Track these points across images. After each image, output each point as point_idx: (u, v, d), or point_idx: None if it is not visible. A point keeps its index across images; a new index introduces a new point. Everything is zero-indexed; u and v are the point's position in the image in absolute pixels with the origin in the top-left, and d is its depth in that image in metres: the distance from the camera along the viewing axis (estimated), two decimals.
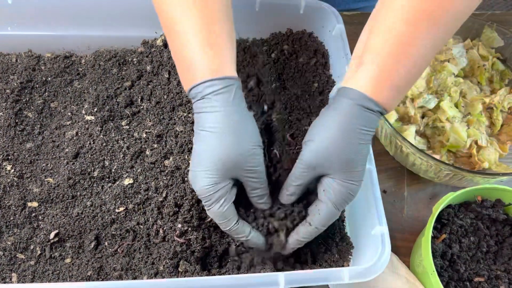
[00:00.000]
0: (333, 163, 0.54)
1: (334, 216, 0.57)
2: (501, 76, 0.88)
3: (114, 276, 0.61)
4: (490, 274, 0.65)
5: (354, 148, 0.54)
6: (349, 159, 0.54)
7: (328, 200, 0.56)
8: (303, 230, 0.58)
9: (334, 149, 0.54)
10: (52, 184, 0.67)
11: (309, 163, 0.56)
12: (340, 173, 0.55)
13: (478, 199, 0.70)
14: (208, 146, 0.55)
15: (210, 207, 0.56)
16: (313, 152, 0.55)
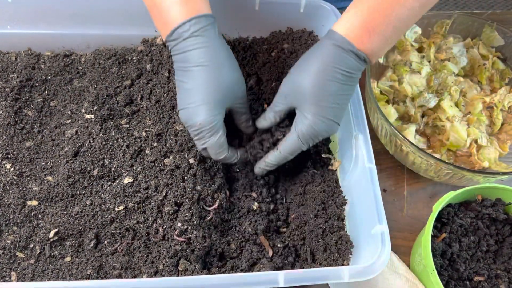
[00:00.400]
0: (304, 94, 0.59)
1: (297, 146, 0.62)
2: (501, 75, 0.88)
3: (114, 275, 0.60)
4: (490, 273, 0.65)
5: (327, 84, 0.58)
6: (320, 94, 0.59)
7: (295, 130, 0.61)
8: (271, 154, 0.65)
9: (306, 82, 0.59)
10: (52, 183, 0.67)
11: (282, 92, 0.62)
12: (310, 105, 0.59)
13: (478, 198, 0.70)
14: (203, 79, 0.59)
15: (209, 139, 0.61)
16: (287, 83, 0.62)
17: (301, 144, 0.62)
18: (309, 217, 0.66)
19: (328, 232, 0.64)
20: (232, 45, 0.86)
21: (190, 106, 0.60)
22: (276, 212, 0.70)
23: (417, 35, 0.90)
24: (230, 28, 0.86)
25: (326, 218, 0.66)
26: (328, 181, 0.69)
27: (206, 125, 0.60)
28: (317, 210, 0.66)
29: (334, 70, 0.58)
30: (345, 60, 0.57)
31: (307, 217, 0.67)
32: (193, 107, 0.60)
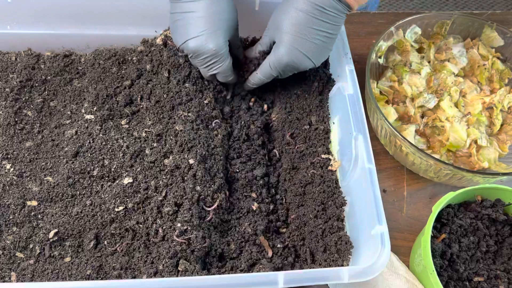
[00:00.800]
0: (278, 25, 0.66)
1: (268, 71, 0.71)
2: (501, 76, 0.88)
3: (114, 275, 0.60)
4: (490, 273, 0.65)
5: (298, 15, 0.64)
6: (290, 23, 0.65)
7: (267, 57, 0.70)
8: (252, 75, 0.76)
9: (280, 13, 0.66)
10: (52, 183, 0.67)
11: (268, 26, 0.71)
12: (283, 35, 0.66)
13: (478, 199, 0.70)
14: (217, 7, 0.66)
15: (221, 64, 0.70)
16: (271, 17, 0.69)
17: (271, 70, 0.70)
18: (308, 218, 0.66)
19: (328, 232, 0.64)
20: None
21: (203, 34, 0.66)
22: (276, 212, 0.70)
23: (417, 35, 0.90)
24: None
25: (326, 218, 0.66)
26: (327, 182, 0.69)
27: (220, 49, 0.68)
28: (317, 210, 0.66)
29: (304, 2, 0.63)
30: None
31: (306, 218, 0.67)
32: (207, 34, 0.65)
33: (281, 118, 0.78)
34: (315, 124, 0.75)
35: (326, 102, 0.77)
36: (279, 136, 0.77)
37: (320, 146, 0.73)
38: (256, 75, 0.74)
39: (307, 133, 0.75)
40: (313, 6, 0.63)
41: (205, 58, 0.69)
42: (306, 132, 0.75)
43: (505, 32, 0.88)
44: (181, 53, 0.77)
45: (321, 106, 0.77)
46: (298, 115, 0.77)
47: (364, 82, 0.79)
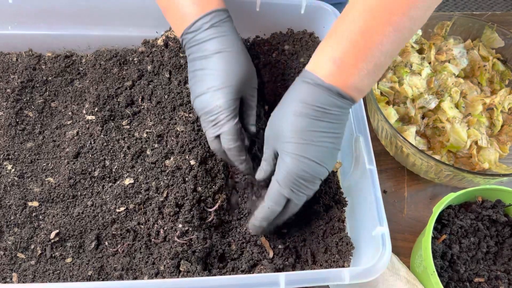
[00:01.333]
0: (279, 134, 0.57)
1: (278, 193, 0.57)
2: (501, 77, 0.88)
3: (115, 276, 0.61)
4: (490, 274, 0.65)
5: (298, 120, 0.55)
6: (292, 131, 0.55)
7: (274, 176, 0.58)
8: (259, 207, 0.59)
9: (278, 120, 0.58)
10: (53, 184, 0.67)
11: (266, 137, 0.60)
12: (286, 145, 0.56)
13: (479, 200, 0.70)
14: (224, 64, 0.61)
15: (226, 124, 0.61)
16: (268, 126, 0.60)
17: (281, 189, 0.56)
18: (309, 219, 0.67)
19: (329, 233, 0.65)
20: None
21: (209, 91, 0.61)
22: None
23: (418, 36, 0.90)
24: None
25: (327, 219, 0.66)
26: (328, 183, 0.69)
27: (226, 107, 0.60)
28: (318, 211, 0.66)
29: (302, 105, 0.55)
30: (313, 94, 0.55)
31: (307, 219, 0.67)
32: (212, 91, 0.61)
33: None
34: None
35: None
36: None
37: None
38: (263, 207, 0.58)
39: None
40: (314, 108, 0.54)
41: (211, 116, 0.61)
42: None
43: (505, 33, 0.88)
44: (182, 53, 0.77)
45: None
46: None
47: None
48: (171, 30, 0.80)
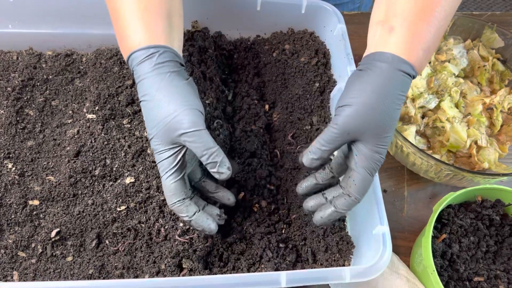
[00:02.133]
0: (369, 128, 0.53)
1: (369, 182, 0.56)
2: (501, 77, 0.89)
3: (116, 275, 0.61)
4: (490, 273, 0.65)
5: (390, 113, 0.53)
6: (384, 125, 0.53)
7: (362, 168, 0.55)
8: (342, 202, 0.57)
9: (372, 114, 0.53)
10: (53, 183, 0.67)
11: (344, 128, 0.54)
12: (374, 138, 0.54)
13: (478, 199, 0.70)
14: (145, 114, 0.56)
15: (162, 179, 0.56)
16: (349, 117, 0.53)
17: (372, 178, 0.56)
18: (310, 218, 0.67)
19: (329, 232, 0.65)
20: (233, 45, 0.86)
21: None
22: (277, 212, 0.70)
23: None
24: (231, 28, 0.86)
25: None
26: None
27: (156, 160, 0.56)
28: None
29: (396, 96, 0.53)
30: (403, 83, 0.54)
31: (308, 218, 0.67)
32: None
33: (283, 118, 0.78)
34: (316, 125, 0.75)
35: (327, 103, 0.78)
36: (280, 136, 0.77)
37: None
38: (350, 200, 0.56)
39: (309, 134, 0.75)
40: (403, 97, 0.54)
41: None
42: (308, 132, 0.75)
43: (505, 33, 0.88)
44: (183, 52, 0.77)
45: (322, 107, 0.77)
46: (300, 116, 0.77)
47: None
48: None
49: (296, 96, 0.78)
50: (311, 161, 0.57)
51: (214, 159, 0.54)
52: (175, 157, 0.55)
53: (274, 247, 0.64)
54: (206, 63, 0.78)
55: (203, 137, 0.54)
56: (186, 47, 0.77)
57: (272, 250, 0.64)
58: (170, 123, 0.54)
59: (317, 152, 0.56)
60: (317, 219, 0.59)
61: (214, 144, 0.55)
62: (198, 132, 0.54)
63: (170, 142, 0.55)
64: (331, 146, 0.55)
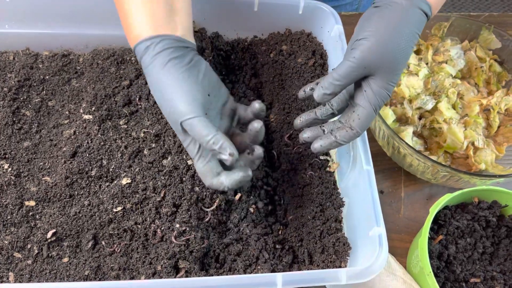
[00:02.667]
0: (384, 63, 0.54)
1: (372, 118, 0.57)
2: (498, 78, 0.89)
3: (112, 276, 0.60)
4: (486, 275, 0.66)
5: (406, 50, 0.54)
6: (398, 61, 0.54)
7: (368, 103, 0.56)
8: (343, 133, 0.58)
9: (389, 50, 0.54)
10: (50, 183, 0.67)
11: (362, 61, 0.54)
12: (386, 74, 0.55)
13: (475, 201, 0.70)
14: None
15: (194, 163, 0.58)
16: (367, 51, 0.54)
17: (375, 114, 0.57)
18: (306, 219, 0.67)
19: (326, 233, 0.65)
20: (230, 46, 0.86)
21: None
22: (274, 213, 0.70)
23: None
24: (229, 28, 0.86)
25: (324, 219, 0.66)
26: (326, 183, 0.69)
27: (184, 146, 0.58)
28: (315, 211, 0.66)
29: (413, 34, 0.54)
30: (420, 21, 0.55)
31: (304, 219, 0.67)
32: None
33: (280, 119, 0.78)
34: None
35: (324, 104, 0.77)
36: (277, 137, 0.77)
37: None
38: (351, 133, 0.58)
39: None
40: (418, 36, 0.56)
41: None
42: None
43: (502, 34, 0.88)
44: None
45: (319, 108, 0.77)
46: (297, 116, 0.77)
47: None
48: None
49: (293, 97, 0.78)
50: (323, 96, 0.56)
51: (212, 147, 0.53)
52: (194, 143, 0.56)
53: (271, 248, 0.64)
54: None
55: (199, 124, 0.53)
56: None
57: (269, 251, 0.64)
58: (171, 114, 0.55)
59: (330, 87, 0.56)
60: (316, 147, 0.60)
61: (209, 131, 0.53)
62: (190, 120, 0.53)
63: (182, 131, 0.55)
64: (346, 80, 0.55)
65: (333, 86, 0.56)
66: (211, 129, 0.53)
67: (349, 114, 0.59)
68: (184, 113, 0.54)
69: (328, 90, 0.56)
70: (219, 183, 0.56)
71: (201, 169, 0.57)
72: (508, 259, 0.68)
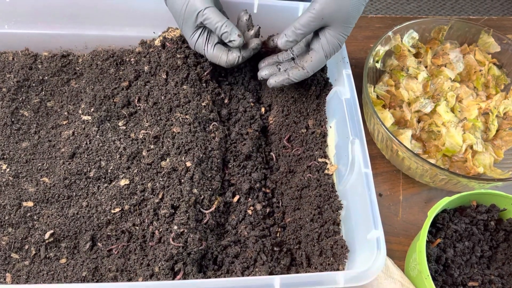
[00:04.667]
0: (339, 16, 0.65)
1: (322, 63, 0.70)
2: (497, 82, 0.89)
3: (109, 277, 0.60)
4: (484, 278, 0.65)
5: (357, 6, 0.65)
6: (351, 16, 0.65)
7: (321, 48, 0.68)
8: (295, 72, 0.70)
9: (343, 4, 0.64)
10: (48, 184, 0.67)
11: (320, 13, 0.64)
12: (339, 25, 0.66)
13: (473, 204, 0.70)
14: (171, 12, 0.71)
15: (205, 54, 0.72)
16: (325, 4, 0.64)
17: (326, 60, 0.70)
18: (305, 221, 0.67)
19: (324, 236, 0.65)
20: None
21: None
22: (272, 215, 0.70)
23: (415, 40, 0.90)
24: None
25: (322, 222, 0.66)
26: (324, 186, 0.69)
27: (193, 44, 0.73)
28: (313, 214, 0.66)
29: None
30: None
31: (303, 221, 0.67)
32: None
33: (278, 121, 0.78)
34: (312, 128, 0.75)
35: (323, 106, 0.78)
36: (276, 140, 0.77)
37: (317, 150, 0.73)
38: (302, 72, 0.70)
39: (304, 137, 0.75)
40: None
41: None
42: (303, 135, 0.75)
43: (501, 38, 0.88)
44: (179, 54, 0.77)
45: (318, 110, 0.77)
46: (295, 119, 0.77)
47: (361, 86, 0.79)
48: (169, 30, 0.80)
49: (292, 100, 0.78)
50: (286, 43, 0.67)
51: (225, 30, 0.67)
52: (202, 33, 0.70)
53: (269, 250, 0.64)
54: (203, 66, 0.78)
55: (213, 13, 0.67)
56: (182, 49, 0.77)
57: (267, 253, 0.63)
58: (187, 9, 0.67)
59: (292, 35, 0.66)
60: (271, 82, 0.72)
61: (222, 18, 0.67)
62: (208, 9, 0.67)
63: (193, 26, 0.69)
64: (306, 29, 0.66)
65: (294, 35, 0.66)
66: (222, 17, 0.67)
67: (304, 56, 0.70)
68: (201, 4, 0.66)
69: (290, 38, 0.66)
70: (234, 55, 0.71)
71: (213, 52, 0.71)
72: (506, 263, 0.68)
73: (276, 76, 0.72)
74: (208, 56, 0.72)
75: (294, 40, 0.67)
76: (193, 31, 0.70)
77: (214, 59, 0.71)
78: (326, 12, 0.64)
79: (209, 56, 0.72)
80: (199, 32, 0.70)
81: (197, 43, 0.71)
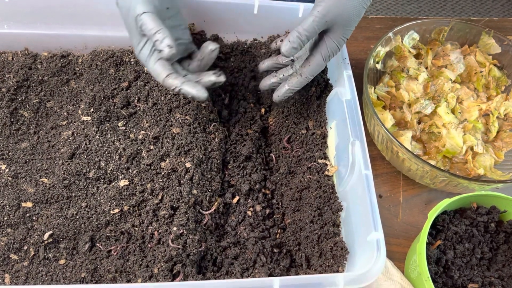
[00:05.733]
0: (341, 19, 0.63)
1: (321, 67, 0.68)
2: (497, 83, 0.89)
3: (108, 279, 0.60)
4: (484, 280, 0.65)
5: (358, 9, 0.64)
6: (352, 19, 0.64)
7: (320, 53, 0.67)
8: (294, 81, 0.69)
9: (346, 8, 0.63)
10: (47, 185, 0.67)
11: (324, 16, 0.63)
12: (341, 29, 0.65)
13: (473, 206, 0.70)
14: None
15: (147, 66, 0.64)
16: (329, 6, 0.63)
17: (325, 64, 0.68)
18: (304, 223, 0.66)
19: (324, 238, 0.64)
20: (230, 48, 0.86)
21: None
22: (272, 217, 0.70)
23: (415, 41, 0.90)
24: (228, 31, 0.86)
25: (322, 224, 0.66)
26: (324, 187, 0.69)
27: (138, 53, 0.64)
28: (313, 215, 0.66)
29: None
30: None
31: (302, 223, 0.67)
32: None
33: (279, 122, 0.78)
34: (312, 129, 0.75)
35: (323, 107, 0.77)
36: (276, 140, 0.77)
37: (317, 151, 0.73)
38: (301, 79, 0.69)
39: (304, 138, 0.75)
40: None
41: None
42: (303, 136, 0.75)
43: (502, 39, 0.88)
44: None
45: (318, 111, 0.77)
46: (296, 120, 0.77)
47: (361, 87, 0.79)
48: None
49: (292, 101, 0.78)
50: (291, 50, 0.64)
51: (156, 38, 0.59)
52: (149, 43, 0.62)
53: (268, 252, 0.64)
54: None
55: (149, 17, 0.60)
56: None
57: (266, 255, 0.63)
58: (129, 13, 0.61)
59: (297, 41, 0.63)
60: (275, 98, 0.72)
61: (158, 25, 0.59)
62: (145, 14, 0.60)
63: (138, 33, 0.62)
64: (309, 34, 0.63)
65: (300, 40, 0.63)
66: (159, 23, 0.59)
67: (302, 61, 0.69)
68: (139, 10, 0.60)
69: (295, 44, 0.63)
70: (170, 81, 0.62)
71: (153, 67, 0.62)
72: (507, 265, 0.67)
73: (278, 91, 0.71)
74: (149, 70, 0.64)
75: (299, 46, 0.64)
76: (139, 40, 0.62)
77: (153, 75, 0.63)
78: (329, 15, 0.63)
79: (149, 71, 0.63)
80: (144, 41, 0.62)
81: (141, 54, 0.63)
